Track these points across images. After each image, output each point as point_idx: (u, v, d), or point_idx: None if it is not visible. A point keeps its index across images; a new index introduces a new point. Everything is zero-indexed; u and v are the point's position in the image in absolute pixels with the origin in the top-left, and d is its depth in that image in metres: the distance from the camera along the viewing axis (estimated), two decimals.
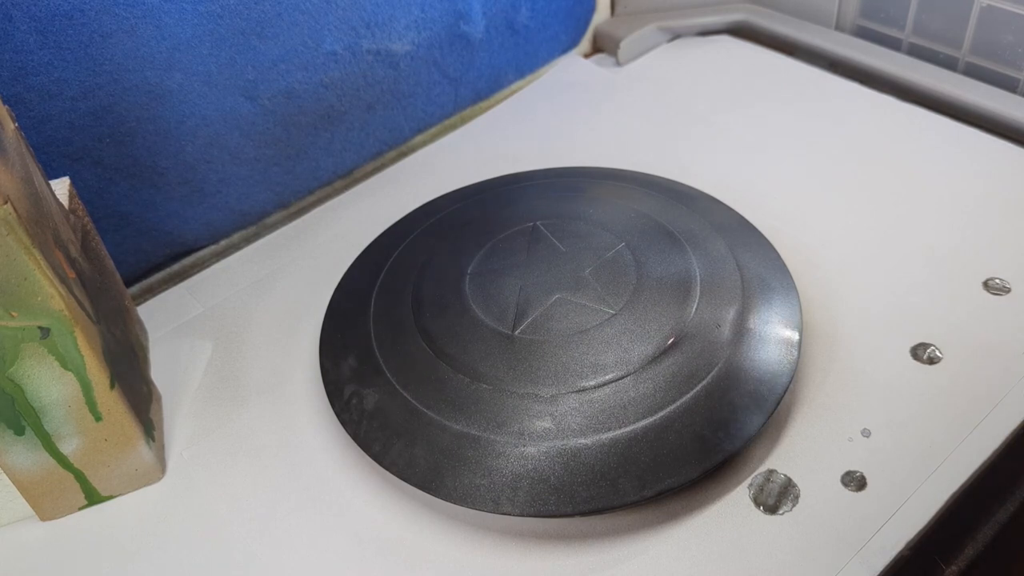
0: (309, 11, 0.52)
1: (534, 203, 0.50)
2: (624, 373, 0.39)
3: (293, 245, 0.54)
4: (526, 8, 0.63)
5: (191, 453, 0.42)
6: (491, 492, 0.36)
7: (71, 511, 0.40)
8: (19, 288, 0.33)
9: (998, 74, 0.57)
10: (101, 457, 0.39)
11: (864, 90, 0.61)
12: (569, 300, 0.43)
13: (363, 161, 0.61)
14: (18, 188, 0.34)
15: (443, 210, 0.52)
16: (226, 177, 0.54)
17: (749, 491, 0.37)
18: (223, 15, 0.49)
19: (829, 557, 0.34)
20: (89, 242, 0.42)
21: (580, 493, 0.36)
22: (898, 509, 0.36)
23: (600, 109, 0.63)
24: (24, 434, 0.37)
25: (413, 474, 0.37)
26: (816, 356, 0.42)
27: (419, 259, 0.48)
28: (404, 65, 0.59)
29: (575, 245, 0.46)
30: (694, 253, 0.45)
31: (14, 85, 0.43)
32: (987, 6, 0.56)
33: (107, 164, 0.48)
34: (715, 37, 0.70)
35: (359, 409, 0.41)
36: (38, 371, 0.35)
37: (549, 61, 0.69)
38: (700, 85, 0.64)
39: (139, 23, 0.46)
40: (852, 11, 0.64)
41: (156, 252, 0.53)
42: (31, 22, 0.43)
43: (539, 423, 0.38)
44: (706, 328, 0.41)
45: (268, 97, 0.53)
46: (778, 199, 0.52)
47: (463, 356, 0.41)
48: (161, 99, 0.49)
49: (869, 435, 0.39)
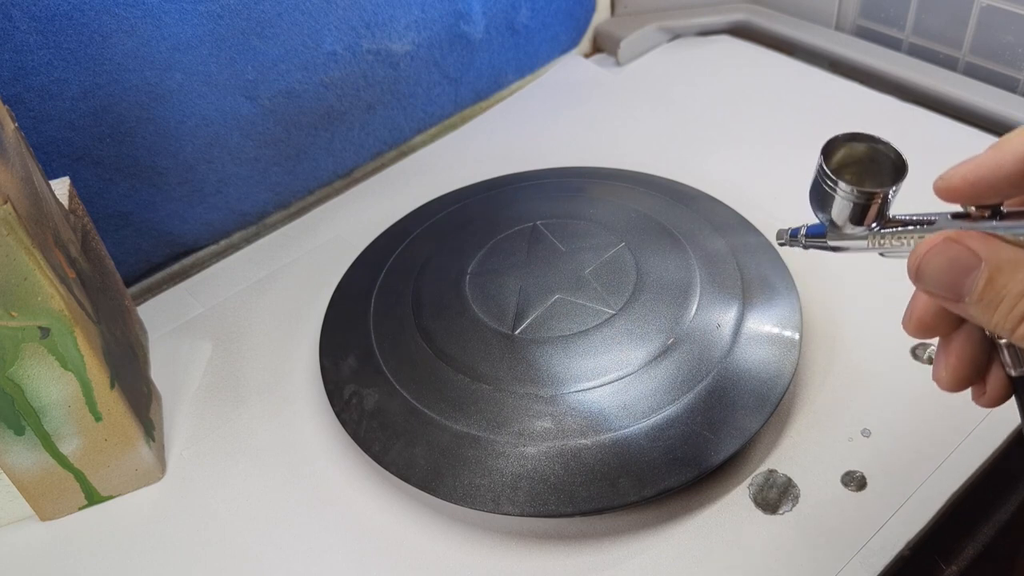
0: (309, 11, 0.52)
1: (534, 203, 0.50)
2: (624, 373, 0.39)
3: (293, 245, 0.54)
4: (526, 8, 0.63)
5: (191, 453, 0.42)
6: (491, 492, 0.36)
7: (71, 511, 0.40)
8: (19, 288, 0.33)
9: (998, 74, 0.57)
10: (101, 457, 0.39)
11: (864, 90, 0.61)
12: (569, 300, 0.43)
13: (363, 161, 0.61)
14: (18, 188, 0.34)
15: (443, 210, 0.52)
16: (226, 177, 0.54)
17: (749, 491, 0.37)
18: (223, 15, 0.49)
19: (829, 557, 0.34)
20: (89, 242, 0.42)
21: (580, 493, 0.36)
22: (898, 509, 0.36)
23: (600, 109, 0.63)
24: (24, 434, 0.37)
25: (413, 474, 0.37)
26: (816, 356, 0.42)
27: (419, 259, 0.48)
28: (404, 65, 0.59)
29: (575, 245, 0.46)
30: (694, 253, 0.45)
31: (14, 85, 0.43)
32: (987, 6, 0.56)
33: (107, 164, 0.48)
34: (715, 37, 0.69)
35: (359, 409, 0.40)
36: (38, 371, 0.35)
37: (549, 61, 0.69)
38: (700, 85, 0.64)
39: (139, 23, 0.46)
40: (852, 11, 0.64)
41: (156, 252, 0.53)
42: (31, 22, 0.42)
43: (539, 423, 0.38)
44: (706, 328, 0.41)
45: (268, 97, 0.53)
46: (778, 199, 0.52)
47: (463, 356, 0.41)
48: (161, 99, 0.49)
49: (869, 435, 0.39)
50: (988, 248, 0.22)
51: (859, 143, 0.25)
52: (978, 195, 0.23)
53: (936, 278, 0.23)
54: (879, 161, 0.25)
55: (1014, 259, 0.22)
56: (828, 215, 0.25)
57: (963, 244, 0.23)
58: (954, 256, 0.23)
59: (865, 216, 0.25)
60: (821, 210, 0.26)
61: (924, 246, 0.24)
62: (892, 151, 0.25)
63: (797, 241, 0.28)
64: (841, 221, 0.25)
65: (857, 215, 0.25)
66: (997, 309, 0.22)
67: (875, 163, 0.25)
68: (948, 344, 0.27)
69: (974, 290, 0.23)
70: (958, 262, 0.23)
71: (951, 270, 0.23)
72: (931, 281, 0.24)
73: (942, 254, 0.23)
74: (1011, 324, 0.22)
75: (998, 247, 0.22)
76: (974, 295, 0.23)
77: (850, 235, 0.26)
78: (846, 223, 0.25)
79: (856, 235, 0.26)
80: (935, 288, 0.24)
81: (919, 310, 0.26)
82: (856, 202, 0.25)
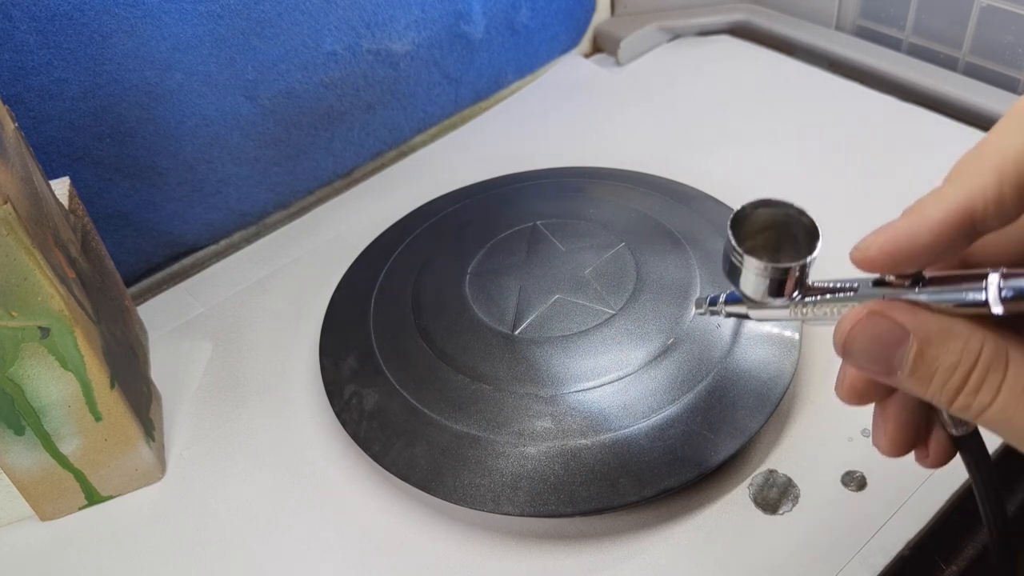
0: (309, 11, 0.52)
1: (534, 203, 0.50)
2: (624, 373, 0.39)
3: (293, 245, 0.54)
4: (526, 8, 0.63)
5: (191, 453, 0.42)
6: (491, 492, 0.36)
7: (71, 511, 0.40)
8: (19, 288, 0.33)
9: (998, 74, 0.57)
10: (101, 457, 0.39)
11: (864, 90, 0.61)
12: (569, 300, 0.43)
13: (363, 161, 0.61)
14: (18, 188, 0.34)
15: (443, 210, 0.52)
16: (226, 177, 0.54)
17: (749, 491, 0.37)
18: (223, 15, 0.49)
19: (829, 557, 0.34)
20: (89, 242, 0.42)
21: (580, 493, 0.36)
22: (898, 509, 0.36)
23: (600, 109, 0.63)
24: (24, 434, 0.37)
25: (413, 474, 0.37)
26: (816, 356, 0.42)
27: (419, 259, 0.48)
28: (404, 65, 0.59)
29: (575, 245, 0.46)
30: (694, 253, 0.45)
31: (14, 85, 0.43)
32: (987, 6, 0.56)
33: (107, 164, 0.48)
34: (715, 37, 0.69)
35: (359, 409, 0.41)
36: (38, 371, 0.35)
37: (549, 61, 0.69)
38: (700, 85, 0.64)
39: (139, 23, 0.46)
40: (852, 11, 0.64)
41: (156, 252, 0.53)
42: (31, 22, 0.42)
43: (539, 423, 0.38)
44: (706, 328, 0.41)
45: (268, 97, 0.53)
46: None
47: (463, 356, 0.41)
48: (161, 99, 0.49)
49: (869, 435, 0.39)
50: (915, 320, 0.21)
51: (769, 209, 0.24)
52: (896, 265, 0.22)
53: (864, 354, 0.22)
54: (792, 226, 0.24)
55: (942, 329, 0.21)
56: (744, 290, 0.24)
57: (888, 318, 0.22)
58: (880, 331, 0.22)
59: (783, 289, 0.24)
60: (737, 285, 0.25)
61: (847, 321, 0.23)
62: (805, 217, 0.23)
63: (716, 310, 0.27)
64: (758, 296, 0.24)
65: (774, 288, 0.24)
66: (931, 382, 0.21)
67: (788, 228, 0.24)
68: (884, 410, 0.25)
69: (905, 364, 0.22)
70: (885, 337, 0.22)
71: (879, 345, 0.22)
72: (860, 357, 0.23)
73: (867, 331, 0.22)
74: (947, 397, 0.21)
75: (925, 318, 0.21)
76: (905, 369, 0.22)
77: (770, 306, 0.25)
78: (764, 296, 0.24)
79: (776, 306, 0.25)
80: (865, 364, 0.23)
81: (851, 378, 0.25)
82: (772, 277, 0.23)
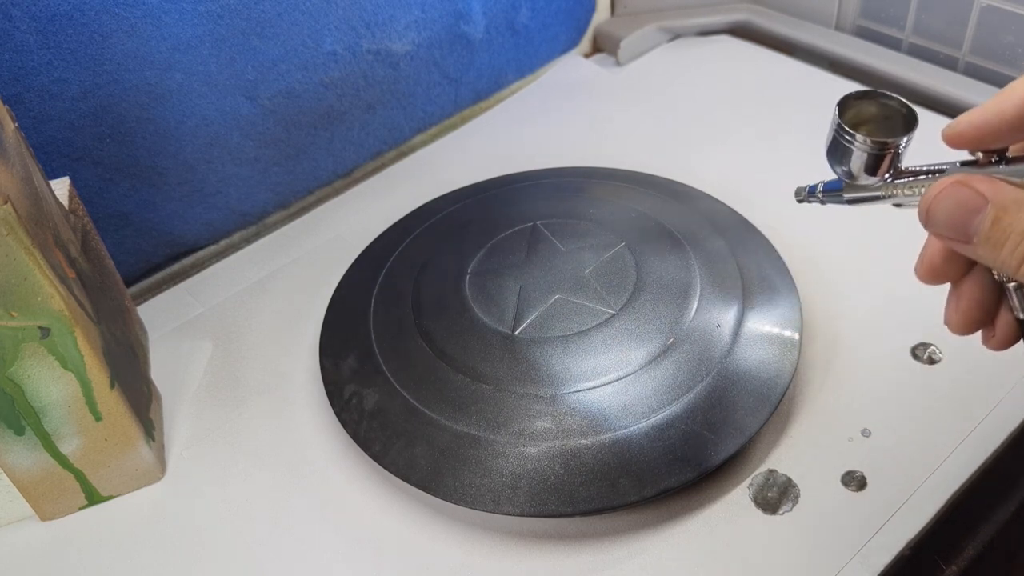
0: (309, 11, 0.52)
1: (534, 203, 0.50)
2: (624, 373, 0.39)
3: (293, 245, 0.54)
4: (526, 8, 0.63)
5: (191, 453, 0.42)
6: (491, 492, 0.36)
7: (71, 511, 0.40)
8: (19, 288, 0.33)
9: (998, 74, 0.57)
10: (101, 457, 0.39)
11: None
12: (569, 300, 0.43)
13: (363, 161, 0.61)
14: (18, 188, 0.34)
15: (443, 210, 0.52)
16: (226, 177, 0.54)
17: (749, 491, 0.37)
18: (223, 15, 0.49)
19: (829, 557, 0.34)
20: (89, 242, 0.42)
21: (580, 493, 0.36)
22: (898, 509, 0.36)
23: (600, 109, 0.63)
24: (24, 434, 0.37)
25: (413, 474, 0.37)
26: (816, 356, 0.42)
27: (419, 259, 0.48)
28: (404, 65, 0.59)
29: (575, 245, 0.46)
30: (694, 253, 0.45)
31: (14, 85, 0.43)
32: (987, 6, 0.56)
33: (107, 164, 0.48)
34: (715, 37, 0.69)
35: (359, 409, 0.41)
36: (38, 371, 0.35)
37: (549, 61, 0.69)
38: (700, 85, 0.64)
39: (139, 23, 0.46)
40: (852, 11, 0.64)
41: (156, 252, 0.53)
42: (31, 22, 0.43)
43: (539, 423, 0.38)
44: (706, 328, 0.41)
45: (268, 97, 0.53)
46: (778, 199, 0.52)
47: (463, 356, 0.41)
48: (161, 99, 0.49)
49: (869, 435, 0.39)
50: (994, 189, 0.24)
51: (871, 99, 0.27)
52: (983, 140, 0.25)
53: (945, 220, 0.25)
54: (891, 116, 0.27)
55: (1018, 199, 0.23)
56: (845, 167, 0.27)
57: (970, 187, 0.24)
58: (962, 198, 0.24)
59: (879, 167, 0.26)
60: (838, 163, 0.27)
61: (934, 190, 0.25)
62: (903, 106, 0.26)
63: (815, 197, 0.30)
64: (857, 172, 0.27)
65: (871, 166, 0.26)
66: (1003, 247, 0.24)
67: (887, 118, 0.27)
68: (958, 288, 0.28)
69: (981, 230, 0.24)
70: (965, 204, 0.24)
71: (959, 211, 0.24)
72: (940, 223, 0.25)
73: (950, 197, 0.24)
74: (1016, 262, 0.23)
75: (1003, 188, 0.24)
76: (981, 235, 0.24)
77: (865, 186, 0.28)
78: (861, 174, 0.27)
79: (871, 186, 0.27)
80: (944, 230, 0.25)
81: (930, 255, 0.28)
82: (871, 153, 0.26)
